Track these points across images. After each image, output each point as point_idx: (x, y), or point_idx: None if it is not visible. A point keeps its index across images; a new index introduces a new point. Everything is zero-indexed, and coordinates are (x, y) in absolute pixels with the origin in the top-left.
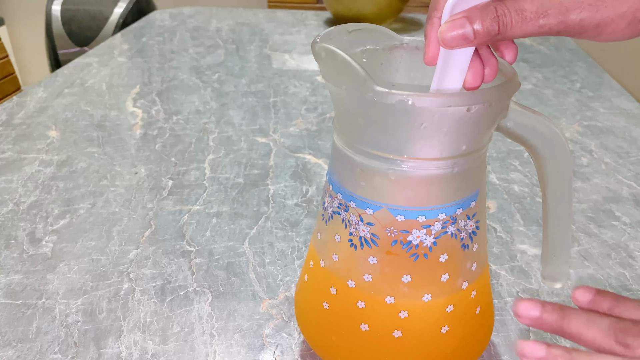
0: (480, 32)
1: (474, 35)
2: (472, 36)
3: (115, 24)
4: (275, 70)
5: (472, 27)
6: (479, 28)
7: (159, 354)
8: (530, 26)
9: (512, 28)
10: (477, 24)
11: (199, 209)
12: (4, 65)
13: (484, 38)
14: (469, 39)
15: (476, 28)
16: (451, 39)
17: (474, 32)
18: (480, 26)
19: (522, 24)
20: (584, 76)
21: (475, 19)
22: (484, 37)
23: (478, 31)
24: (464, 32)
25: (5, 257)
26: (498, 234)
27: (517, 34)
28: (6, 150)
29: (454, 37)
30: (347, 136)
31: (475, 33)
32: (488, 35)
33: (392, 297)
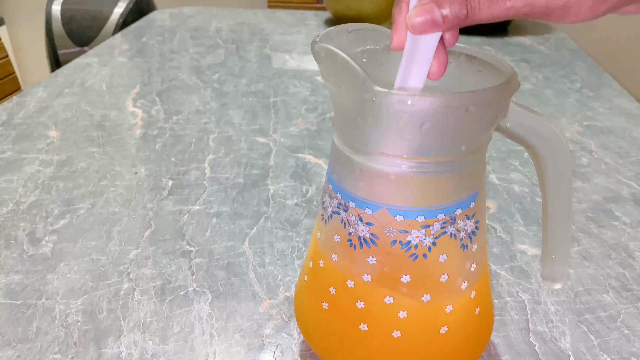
0: (449, 16)
1: (443, 19)
2: (440, 21)
3: (115, 24)
4: (275, 70)
5: (440, 12)
6: (447, 12)
7: (159, 354)
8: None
9: (481, 11)
10: (445, 9)
11: (199, 209)
12: (4, 65)
13: (453, 22)
14: (438, 23)
15: (445, 13)
16: (420, 24)
17: (442, 16)
18: (448, 11)
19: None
20: (584, 76)
21: (444, 4)
22: (452, 22)
23: (447, 16)
24: (432, 17)
25: (5, 257)
26: (498, 234)
27: (485, 17)
28: (6, 150)
29: (422, 22)
30: (346, 136)
31: (444, 18)
32: (457, 19)
33: (391, 297)
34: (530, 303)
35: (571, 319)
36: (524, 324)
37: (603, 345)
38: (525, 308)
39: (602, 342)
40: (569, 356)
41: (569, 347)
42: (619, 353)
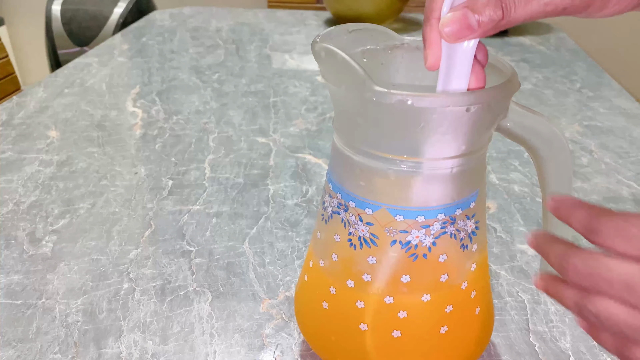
0: (485, 20)
1: (478, 24)
2: (476, 25)
3: (115, 24)
4: (275, 70)
5: (475, 16)
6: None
7: (159, 354)
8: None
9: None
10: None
11: (199, 209)
12: (4, 65)
13: (489, 25)
14: (473, 28)
15: (479, 17)
16: (455, 31)
17: (477, 21)
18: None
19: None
20: (584, 76)
21: (477, 8)
22: (488, 25)
23: (481, 20)
24: (467, 22)
25: (5, 257)
26: (498, 234)
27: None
28: (6, 150)
29: (457, 29)
30: (346, 136)
31: (479, 22)
32: (492, 22)
33: (391, 297)
34: (530, 303)
35: (571, 319)
36: (524, 324)
37: None
38: (525, 308)
39: None
40: (569, 356)
41: (569, 347)
42: None
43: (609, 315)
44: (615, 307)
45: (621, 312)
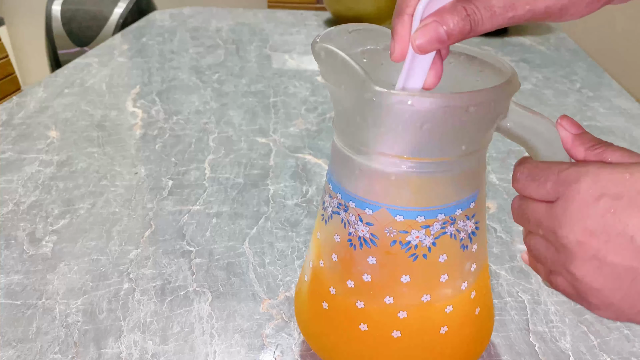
0: (453, 32)
1: (447, 36)
2: (445, 37)
3: (115, 24)
4: (275, 71)
5: (444, 29)
6: (451, 29)
7: (159, 354)
8: (500, 20)
9: (483, 24)
10: (448, 25)
11: (199, 209)
12: (4, 65)
13: (458, 37)
14: (443, 40)
15: (448, 29)
16: (425, 43)
17: (446, 33)
18: (452, 27)
19: (492, 19)
20: (584, 76)
21: (447, 21)
22: (457, 37)
23: (451, 32)
24: (437, 35)
25: (5, 257)
26: (498, 234)
27: (488, 29)
28: (6, 150)
29: (427, 41)
30: (346, 136)
31: (448, 34)
32: (461, 34)
33: (391, 297)
34: (530, 303)
35: (571, 319)
36: (524, 324)
37: (603, 345)
38: (525, 308)
39: (602, 342)
40: (569, 356)
41: (569, 347)
42: (619, 353)
43: (535, 248)
44: (537, 242)
45: (541, 246)
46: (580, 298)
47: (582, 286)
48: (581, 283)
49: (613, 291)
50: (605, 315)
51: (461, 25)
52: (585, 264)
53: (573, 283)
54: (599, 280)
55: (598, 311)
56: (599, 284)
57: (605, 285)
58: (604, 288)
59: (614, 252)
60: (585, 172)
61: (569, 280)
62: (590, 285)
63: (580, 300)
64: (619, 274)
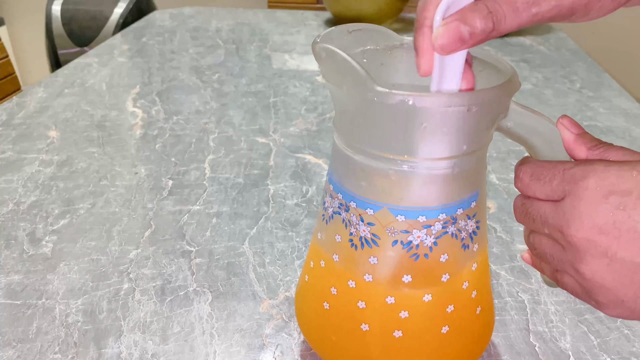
0: (476, 31)
1: (470, 35)
2: (467, 37)
3: (115, 24)
4: (275, 71)
5: (467, 28)
6: (473, 28)
7: (159, 354)
8: (524, 17)
9: (507, 22)
10: (470, 24)
11: (199, 209)
12: (4, 65)
13: (480, 37)
14: (465, 40)
15: (470, 28)
16: (448, 43)
17: (469, 32)
18: (475, 26)
19: (516, 16)
20: (584, 76)
21: (469, 19)
22: (480, 36)
23: (473, 31)
24: (459, 34)
25: (5, 257)
26: (498, 234)
27: (512, 27)
28: (6, 150)
29: (450, 41)
30: (347, 136)
31: (470, 33)
32: (483, 33)
33: (392, 297)
34: (530, 303)
35: (571, 319)
36: (524, 324)
37: (603, 345)
38: (525, 308)
39: (602, 342)
40: (569, 356)
41: (569, 347)
42: (619, 353)
43: (539, 247)
44: (542, 241)
45: (546, 245)
46: (589, 297)
47: (591, 284)
48: (590, 281)
49: (624, 288)
50: (615, 313)
51: (484, 24)
52: (595, 261)
53: (581, 282)
54: (609, 278)
55: (607, 310)
56: (609, 282)
57: (615, 282)
58: (614, 286)
59: (625, 248)
60: (592, 169)
61: (577, 278)
62: (601, 284)
63: (588, 299)
64: (630, 270)
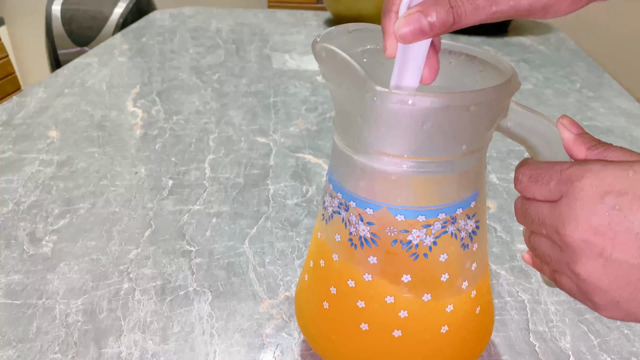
0: (436, 24)
1: (430, 27)
2: (428, 29)
3: (115, 24)
4: (275, 71)
5: (427, 20)
6: (434, 20)
7: (159, 353)
8: (483, 14)
9: (467, 17)
10: (432, 17)
11: (199, 208)
12: (4, 65)
13: (440, 29)
14: (425, 31)
15: (431, 20)
16: (408, 33)
17: (429, 24)
18: (435, 18)
19: (476, 13)
20: (584, 76)
21: (430, 12)
22: (440, 29)
23: (434, 23)
24: (420, 25)
25: (6, 257)
26: (498, 234)
27: (471, 23)
28: (6, 150)
29: (410, 31)
30: (347, 136)
31: (431, 25)
32: (444, 26)
33: (392, 296)
34: (530, 303)
35: (571, 318)
36: (524, 324)
37: (603, 345)
38: (525, 308)
39: (602, 341)
40: (569, 356)
41: (569, 346)
42: (619, 353)
43: (539, 248)
44: (541, 242)
45: (545, 246)
46: (585, 298)
47: (587, 285)
48: (586, 282)
49: (619, 290)
50: (611, 315)
51: (444, 17)
52: (590, 262)
53: (577, 282)
54: (604, 279)
55: (603, 311)
56: (604, 283)
57: (611, 284)
58: (609, 287)
59: (620, 249)
60: (588, 169)
61: (573, 279)
62: (596, 285)
63: (585, 300)
64: (626, 271)
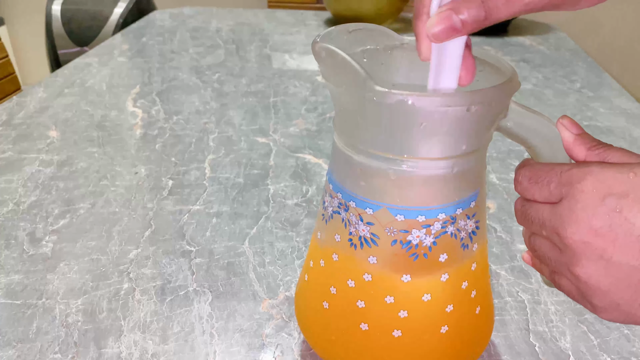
0: (468, 20)
1: (462, 24)
2: (460, 26)
3: (115, 24)
4: (275, 71)
5: (459, 17)
6: (465, 17)
7: (159, 353)
8: (517, 6)
9: (499, 11)
10: (463, 14)
11: (199, 208)
12: (4, 65)
13: (472, 25)
14: (458, 29)
15: (463, 17)
16: (440, 32)
17: (461, 21)
18: (466, 15)
19: (508, 5)
20: (584, 76)
21: (461, 9)
22: (472, 25)
23: (465, 20)
24: (452, 23)
25: (6, 257)
26: (498, 234)
27: (504, 16)
28: (6, 150)
29: (442, 30)
30: (347, 136)
31: (463, 22)
32: (476, 22)
33: (391, 296)
34: (530, 303)
35: (571, 318)
36: (524, 324)
37: (603, 345)
38: (525, 308)
39: (602, 342)
40: (569, 356)
41: (569, 347)
42: (619, 353)
43: (539, 249)
44: (541, 243)
45: (545, 247)
46: (584, 300)
47: (586, 287)
48: (586, 284)
49: (619, 292)
50: (610, 317)
51: (475, 13)
52: (591, 264)
53: (577, 284)
54: (604, 281)
55: (603, 313)
56: (604, 285)
57: (611, 286)
58: (610, 289)
59: (621, 251)
60: (589, 171)
61: (573, 281)
62: (596, 287)
63: (584, 302)
64: (626, 273)
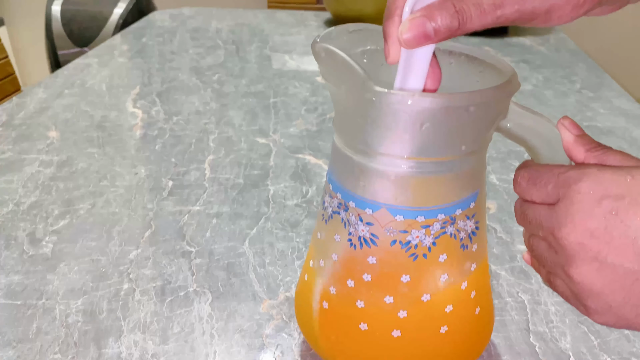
0: (441, 29)
1: (435, 32)
2: (432, 34)
3: (115, 25)
4: (275, 71)
5: (432, 25)
6: (438, 25)
7: (159, 354)
8: (489, 17)
9: (472, 22)
10: (436, 21)
11: (199, 209)
12: (3, 66)
13: (445, 34)
14: (430, 36)
15: (436, 25)
16: (412, 38)
17: (434, 29)
18: (440, 23)
19: (481, 16)
20: (584, 77)
21: (435, 16)
22: (444, 34)
23: (438, 28)
24: (424, 30)
25: (6, 257)
26: (498, 235)
27: (477, 27)
28: (6, 151)
29: (414, 36)
30: (347, 136)
31: (435, 30)
32: (449, 31)
33: (391, 296)
34: (530, 303)
35: (571, 319)
36: (524, 324)
37: (603, 345)
38: (525, 308)
39: (602, 342)
40: (569, 356)
41: (569, 347)
42: (619, 353)
43: (536, 249)
44: (539, 244)
45: (542, 248)
46: (578, 301)
47: (580, 288)
48: (579, 285)
49: (613, 294)
50: (603, 320)
51: (449, 22)
52: (585, 265)
53: (570, 285)
54: (598, 283)
55: (595, 315)
56: (598, 287)
57: (604, 287)
58: (603, 290)
59: (616, 253)
60: (586, 173)
61: (567, 282)
62: (589, 288)
63: (578, 303)
64: (620, 276)
